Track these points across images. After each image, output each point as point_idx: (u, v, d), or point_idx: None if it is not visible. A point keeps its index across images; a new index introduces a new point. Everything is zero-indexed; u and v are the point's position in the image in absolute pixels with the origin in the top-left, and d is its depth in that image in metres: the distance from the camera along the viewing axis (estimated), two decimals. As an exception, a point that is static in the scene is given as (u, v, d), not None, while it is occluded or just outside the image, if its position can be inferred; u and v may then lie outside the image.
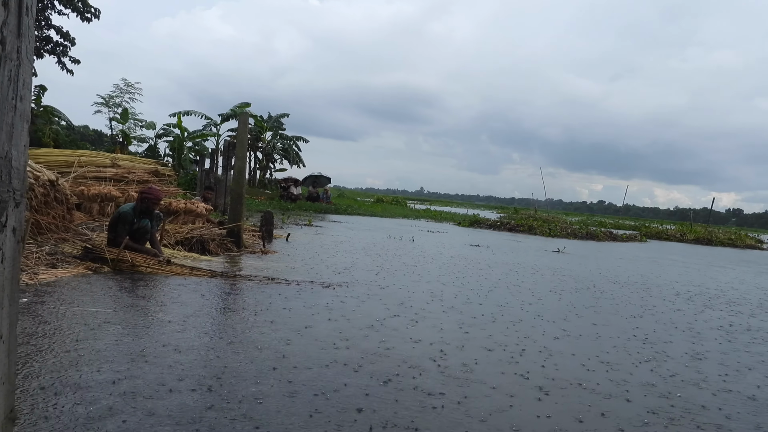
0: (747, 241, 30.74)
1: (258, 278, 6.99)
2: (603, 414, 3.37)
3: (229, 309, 5.33)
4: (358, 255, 10.50)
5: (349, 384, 3.48)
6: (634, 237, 26.65)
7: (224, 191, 16.70)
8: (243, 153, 9.99)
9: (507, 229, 24.56)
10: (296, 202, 29.39)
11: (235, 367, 3.60)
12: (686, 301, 8.29)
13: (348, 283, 7.17)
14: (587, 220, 42.10)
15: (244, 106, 36.39)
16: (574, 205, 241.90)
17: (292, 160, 40.30)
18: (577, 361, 4.51)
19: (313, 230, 15.68)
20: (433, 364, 4.04)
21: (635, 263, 14.13)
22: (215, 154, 30.17)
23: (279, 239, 11.98)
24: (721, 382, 4.26)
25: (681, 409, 3.58)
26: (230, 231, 9.65)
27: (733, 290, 10.22)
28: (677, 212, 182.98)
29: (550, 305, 6.99)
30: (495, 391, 3.59)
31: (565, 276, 10.07)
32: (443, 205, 75.50)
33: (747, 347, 5.58)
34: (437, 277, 8.58)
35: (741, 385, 4.26)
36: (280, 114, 39.83)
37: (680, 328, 6.28)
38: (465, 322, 5.57)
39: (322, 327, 4.83)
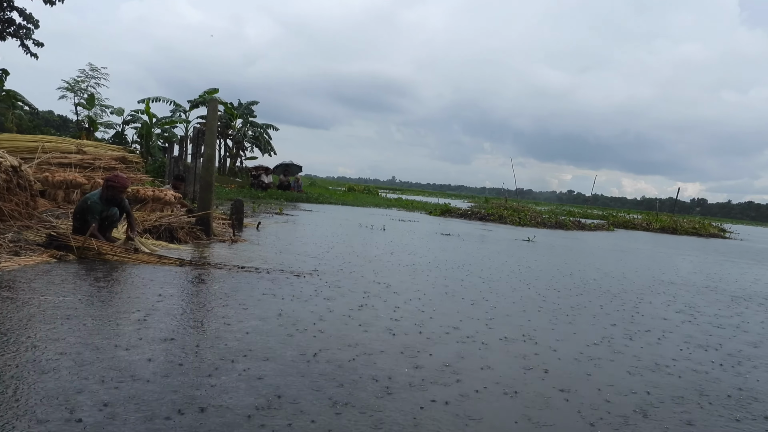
0: (710, 230, 31.49)
1: (227, 267, 6.93)
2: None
3: (195, 298, 5.28)
4: (329, 244, 10.48)
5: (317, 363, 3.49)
6: (601, 226, 27.09)
7: (194, 179, 16.49)
8: (212, 140, 9.86)
9: (478, 218, 24.76)
10: (267, 191, 29.18)
11: (194, 365, 3.58)
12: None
13: (318, 272, 7.16)
14: (557, 209, 42.64)
15: (213, 92, 35.90)
16: (544, 194, 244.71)
17: (263, 148, 39.97)
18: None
19: (284, 219, 15.60)
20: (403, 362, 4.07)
21: (597, 253, 14.38)
22: (184, 142, 29.78)
23: (249, 228, 11.89)
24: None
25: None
26: (199, 219, 9.54)
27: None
28: (644, 202, 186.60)
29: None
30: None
31: (524, 267, 10.20)
32: (415, 194, 75.69)
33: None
34: (408, 265, 8.61)
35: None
36: (251, 101, 39.44)
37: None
38: (426, 312, 5.61)
39: (295, 315, 4.82)
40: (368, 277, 7.14)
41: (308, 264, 7.74)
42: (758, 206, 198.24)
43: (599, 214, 41.51)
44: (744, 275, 11.86)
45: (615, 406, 3.40)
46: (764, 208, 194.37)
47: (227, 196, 21.99)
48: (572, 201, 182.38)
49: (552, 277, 8.82)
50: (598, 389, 3.67)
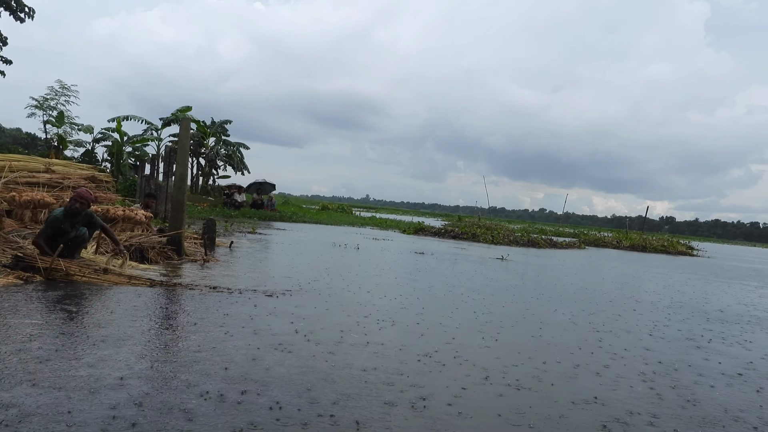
0: (679, 247, 32.07)
1: (199, 287, 6.86)
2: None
3: (165, 322, 5.20)
4: (303, 263, 10.44)
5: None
6: (573, 244, 27.42)
7: (165, 198, 16.31)
8: (184, 159, 9.79)
9: (451, 236, 24.89)
10: (240, 210, 28.98)
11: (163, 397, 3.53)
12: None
13: (292, 292, 7.12)
14: (529, 227, 43.05)
15: (186, 110, 35.65)
16: (517, 212, 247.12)
17: (236, 167, 39.73)
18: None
19: (258, 238, 15.50)
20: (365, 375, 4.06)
21: (571, 271, 14.54)
22: (156, 160, 29.49)
23: (222, 247, 11.79)
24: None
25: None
26: (171, 239, 9.44)
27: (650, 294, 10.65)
28: (614, 220, 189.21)
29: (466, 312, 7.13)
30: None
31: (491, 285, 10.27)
32: (389, 212, 75.83)
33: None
34: (380, 285, 8.61)
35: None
36: (224, 120, 39.25)
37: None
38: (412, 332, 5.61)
39: (274, 337, 4.78)
40: (341, 297, 7.12)
41: (281, 284, 7.69)
42: (725, 224, 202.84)
43: (571, 232, 42.07)
44: (710, 293, 12.09)
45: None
46: (730, 226, 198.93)
47: (200, 215, 21.78)
48: (544, 219, 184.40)
49: (529, 300, 8.89)
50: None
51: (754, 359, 5.72)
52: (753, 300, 11.32)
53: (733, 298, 11.27)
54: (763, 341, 6.83)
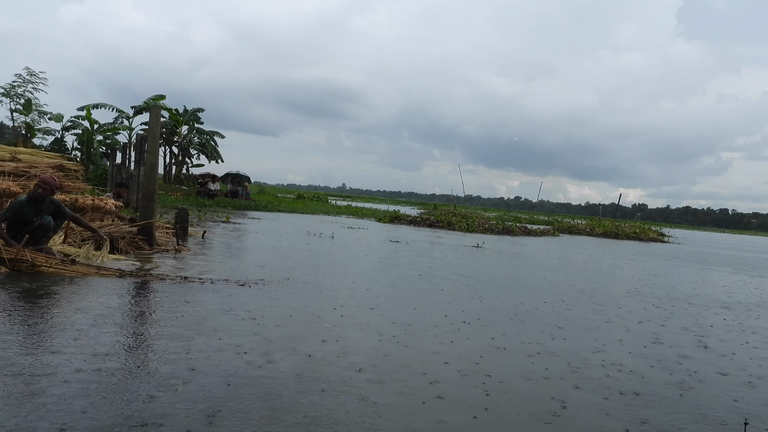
0: (650, 234, 32.64)
1: (170, 277, 6.77)
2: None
3: (135, 312, 5.13)
4: (277, 253, 10.37)
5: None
6: (547, 232, 27.69)
7: (137, 187, 16.07)
8: (155, 147, 9.64)
9: (427, 225, 24.96)
10: (214, 199, 28.69)
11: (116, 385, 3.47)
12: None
13: (264, 281, 7.06)
14: (504, 215, 43.35)
15: (159, 98, 35.11)
16: (492, 201, 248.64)
17: (210, 156, 39.27)
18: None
19: (231, 227, 15.36)
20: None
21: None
22: (127, 149, 29.01)
23: (195, 236, 11.66)
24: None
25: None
26: (142, 229, 9.29)
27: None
28: (588, 207, 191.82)
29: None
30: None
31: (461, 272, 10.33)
32: (365, 201, 75.76)
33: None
34: (354, 274, 8.60)
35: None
36: (197, 108, 38.70)
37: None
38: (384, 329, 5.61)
39: (238, 328, 4.74)
40: (314, 286, 7.09)
41: (254, 273, 7.63)
42: (695, 211, 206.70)
43: (545, 219, 42.46)
44: (683, 278, 12.31)
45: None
46: (701, 213, 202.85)
47: (173, 204, 21.48)
48: (520, 207, 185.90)
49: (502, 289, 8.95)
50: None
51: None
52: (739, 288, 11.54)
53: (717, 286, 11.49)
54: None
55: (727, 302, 9.05)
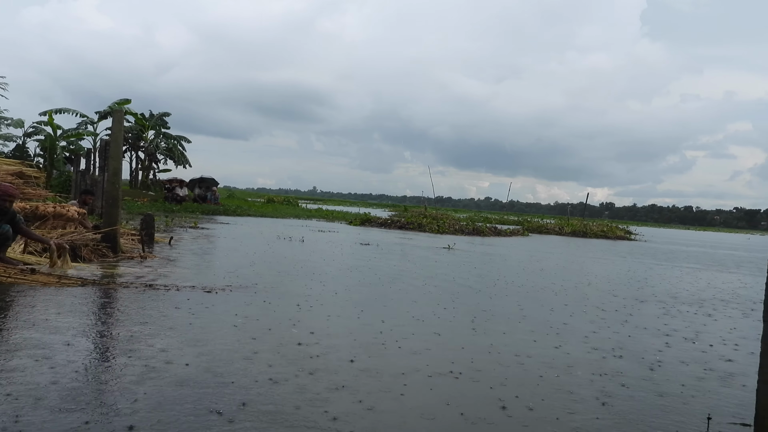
0: (617, 232, 33.17)
1: (135, 285, 6.63)
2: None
3: (96, 322, 4.99)
4: (245, 258, 10.25)
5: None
6: (517, 232, 27.94)
7: (102, 193, 15.73)
8: (118, 152, 9.44)
9: (397, 227, 24.97)
10: (182, 204, 28.30)
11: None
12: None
13: (232, 287, 6.96)
14: (474, 216, 43.64)
15: (124, 102, 34.53)
16: (463, 202, 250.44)
17: (177, 160, 38.75)
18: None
19: (200, 233, 15.15)
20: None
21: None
22: (92, 155, 28.44)
23: (161, 243, 11.46)
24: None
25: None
26: (106, 236, 9.10)
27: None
28: (557, 207, 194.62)
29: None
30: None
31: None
32: (336, 204, 75.58)
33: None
34: (324, 277, 8.54)
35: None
36: (163, 112, 38.16)
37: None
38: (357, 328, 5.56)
39: (218, 337, 4.64)
40: (282, 291, 7.02)
41: (222, 279, 7.52)
42: (661, 209, 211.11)
43: (515, 219, 42.85)
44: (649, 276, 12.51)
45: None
46: (666, 210, 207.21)
47: (139, 210, 21.12)
48: (490, 207, 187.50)
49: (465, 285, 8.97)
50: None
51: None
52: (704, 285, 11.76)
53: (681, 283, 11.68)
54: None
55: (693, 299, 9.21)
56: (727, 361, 5.05)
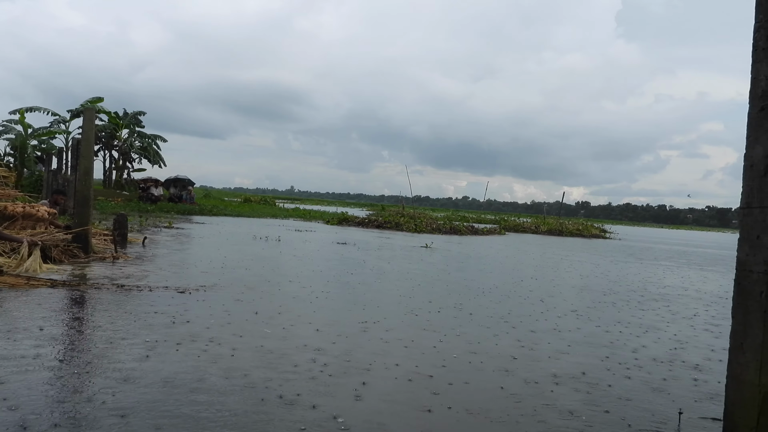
0: (592, 231, 33.57)
1: (106, 286, 6.52)
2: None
3: (63, 322, 4.90)
4: (220, 258, 10.15)
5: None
6: (494, 230, 28.11)
7: (74, 193, 15.47)
8: (89, 152, 9.29)
9: (375, 226, 24.96)
10: (157, 204, 27.95)
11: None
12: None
13: (206, 287, 6.88)
14: (452, 215, 43.80)
15: (97, 101, 33.99)
16: (441, 201, 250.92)
17: (152, 160, 38.22)
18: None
19: (174, 232, 14.97)
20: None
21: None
22: (64, 154, 27.98)
23: (135, 243, 11.30)
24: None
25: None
26: (77, 236, 8.94)
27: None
28: (533, 206, 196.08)
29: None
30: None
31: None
32: (314, 203, 75.35)
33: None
34: (298, 277, 8.49)
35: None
36: (137, 111, 37.62)
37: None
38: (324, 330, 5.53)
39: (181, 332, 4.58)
40: (257, 290, 6.96)
41: (196, 279, 7.43)
42: (635, 207, 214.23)
43: (492, 218, 43.12)
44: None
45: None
46: (640, 209, 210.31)
47: (113, 210, 20.80)
48: (467, 206, 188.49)
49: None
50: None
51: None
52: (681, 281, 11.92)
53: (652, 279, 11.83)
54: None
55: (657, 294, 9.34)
56: (697, 357, 5.13)
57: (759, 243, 2.24)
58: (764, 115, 2.24)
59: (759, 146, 2.25)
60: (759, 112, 2.26)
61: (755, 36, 2.31)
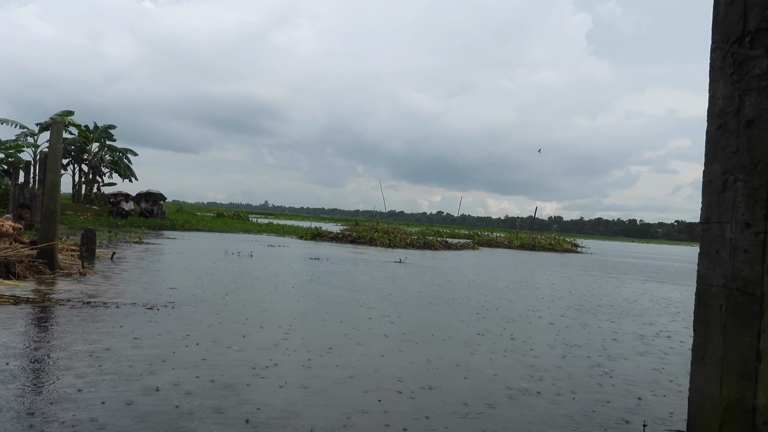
0: (564, 245, 33.97)
1: (71, 302, 6.38)
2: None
3: (24, 342, 4.78)
4: (191, 273, 10.02)
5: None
6: (467, 245, 28.25)
7: (41, 208, 15.18)
8: (56, 166, 9.13)
9: (349, 241, 24.90)
10: (127, 219, 27.55)
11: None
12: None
13: (175, 303, 6.78)
14: (426, 230, 43.97)
15: (67, 114, 33.54)
16: (415, 216, 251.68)
17: (123, 174, 37.75)
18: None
19: (144, 248, 14.74)
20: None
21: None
22: (32, 167, 27.48)
23: (103, 259, 11.09)
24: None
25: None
26: (42, 251, 8.75)
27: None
28: (507, 221, 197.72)
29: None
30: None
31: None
32: (288, 218, 74.97)
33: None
34: (270, 293, 8.42)
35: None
36: (108, 125, 37.19)
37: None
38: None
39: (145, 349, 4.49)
40: (226, 307, 6.88)
41: (165, 296, 7.31)
42: (606, 222, 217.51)
43: (466, 233, 43.34)
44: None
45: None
46: (612, 223, 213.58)
47: (82, 225, 20.44)
48: (442, 221, 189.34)
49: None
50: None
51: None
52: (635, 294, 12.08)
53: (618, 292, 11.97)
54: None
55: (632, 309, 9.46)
56: (661, 368, 5.19)
57: (718, 257, 2.28)
58: (721, 133, 2.29)
59: (717, 163, 2.31)
60: (716, 130, 2.32)
61: (712, 56, 2.37)
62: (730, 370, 2.22)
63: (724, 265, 2.25)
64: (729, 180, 2.26)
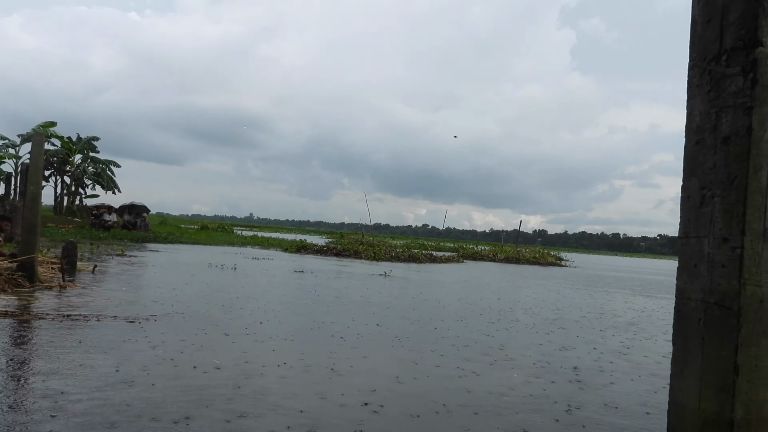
0: (549, 258, 34.10)
1: (51, 315, 6.29)
2: None
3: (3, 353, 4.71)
4: (174, 286, 9.94)
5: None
6: (452, 258, 28.30)
7: (20, 219, 15.00)
8: (37, 178, 9.03)
9: (334, 254, 24.86)
10: (110, 231, 27.26)
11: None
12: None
13: (156, 317, 6.71)
14: (411, 243, 43.95)
15: (49, 125, 33.27)
16: (401, 228, 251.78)
17: (106, 186, 37.45)
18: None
19: (127, 260, 14.60)
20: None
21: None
22: (13, 179, 27.19)
23: (84, 272, 10.96)
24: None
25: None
26: (22, 264, 8.64)
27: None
28: (492, 234, 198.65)
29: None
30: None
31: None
32: (273, 231, 74.64)
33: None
34: (254, 306, 8.37)
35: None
36: (91, 136, 36.92)
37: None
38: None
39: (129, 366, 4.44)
40: (208, 320, 6.82)
41: (146, 309, 7.24)
42: (590, 236, 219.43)
43: (451, 246, 43.43)
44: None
45: None
46: (595, 237, 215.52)
47: (63, 237, 20.20)
48: (427, 234, 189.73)
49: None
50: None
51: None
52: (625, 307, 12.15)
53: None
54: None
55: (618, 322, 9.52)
56: (638, 379, 5.22)
57: (696, 271, 2.31)
58: (699, 149, 2.33)
59: (695, 178, 2.34)
60: (694, 146, 2.36)
61: (689, 74, 2.41)
62: (708, 384, 2.24)
63: (702, 280, 2.28)
64: (707, 195, 2.30)
